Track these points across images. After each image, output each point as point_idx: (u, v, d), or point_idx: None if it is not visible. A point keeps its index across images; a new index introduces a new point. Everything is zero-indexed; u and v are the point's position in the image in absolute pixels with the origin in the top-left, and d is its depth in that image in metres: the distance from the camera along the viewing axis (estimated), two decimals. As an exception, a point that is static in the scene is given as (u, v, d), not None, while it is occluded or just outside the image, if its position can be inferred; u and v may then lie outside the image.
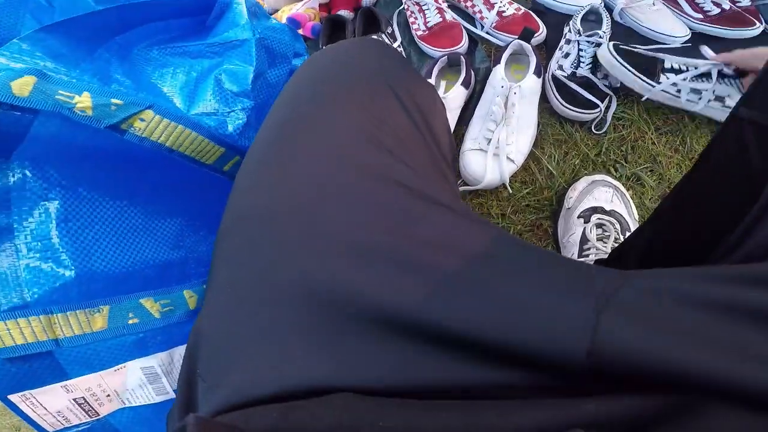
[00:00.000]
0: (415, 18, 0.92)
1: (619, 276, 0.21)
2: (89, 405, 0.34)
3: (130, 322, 0.34)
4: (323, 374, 0.21)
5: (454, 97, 0.74)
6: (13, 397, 0.30)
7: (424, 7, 0.91)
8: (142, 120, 0.32)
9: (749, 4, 0.81)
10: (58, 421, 0.32)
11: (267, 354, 0.22)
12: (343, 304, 0.22)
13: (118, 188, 0.37)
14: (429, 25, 0.89)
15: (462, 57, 0.79)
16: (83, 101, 0.30)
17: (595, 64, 0.75)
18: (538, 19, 0.86)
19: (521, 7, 0.88)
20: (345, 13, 0.97)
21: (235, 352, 0.24)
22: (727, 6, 0.79)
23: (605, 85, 0.72)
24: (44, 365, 0.31)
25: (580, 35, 0.77)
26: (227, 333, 0.25)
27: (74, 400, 0.33)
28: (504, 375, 0.20)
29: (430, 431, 0.17)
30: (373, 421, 0.18)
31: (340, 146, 0.28)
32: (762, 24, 0.79)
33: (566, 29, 0.80)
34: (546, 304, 0.20)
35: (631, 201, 0.63)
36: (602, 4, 0.83)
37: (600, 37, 0.76)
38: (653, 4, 0.82)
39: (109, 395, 0.34)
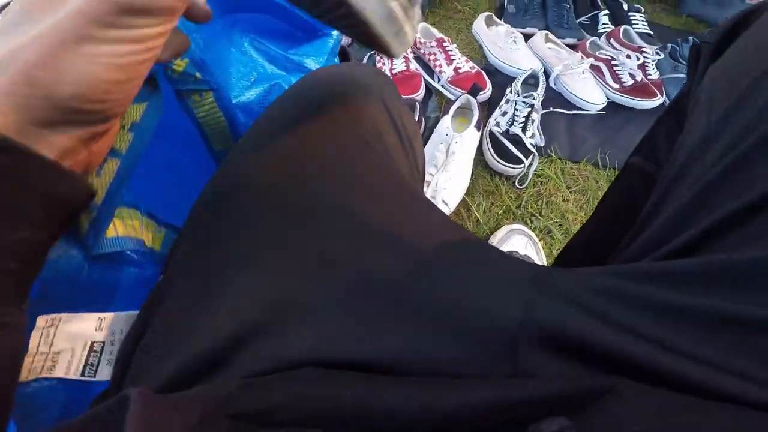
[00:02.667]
0: (383, 64, 1.04)
1: (550, 268, 0.25)
2: (99, 357, 0.27)
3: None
4: (295, 346, 0.21)
5: (405, 145, 0.86)
6: (41, 320, 0.26)
7: (392, 55, 1.03)
8: (201, 96, 0.36)
9: (657, 77, 0.95)
10: (43, 366, 0.26)
11: (238, 319, 0.22)
12: (332, 272, 0.23)
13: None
14: (394, 71, 1.01)
15: (417, 104, 0.91)
16: (179, 65, 0.33)
17: (526, 124, 0.88)
18: (487, 79, 0.99)
19: (476, 66, 1.01)
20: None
21: (203, 316, 0.23)
22: (639, 78, 0.94)
23: (531, 144, 0.85)
24: (107, 279, 0.27)
25: (518, 96, 0.90)
26: (194, 296, 0.24)
27: (91, 344, 0.27)
28: (454, 348, 0.21)
29: (396, 403, 0.18)
30: (341, 392, 0.18)
31: (342, 139, 0.29)
32: (663, 97, 0.93)
33: (508, 90, 0.93)
34: (493, 283, 0.23)
35: (542, 250, 0.75)
36: (542, 70, 0.96)
37: (534, 98, 0.89)
38: (582, 72, 0.96)
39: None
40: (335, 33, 0.60)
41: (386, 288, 0.23)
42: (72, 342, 0.26)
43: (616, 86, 0.94)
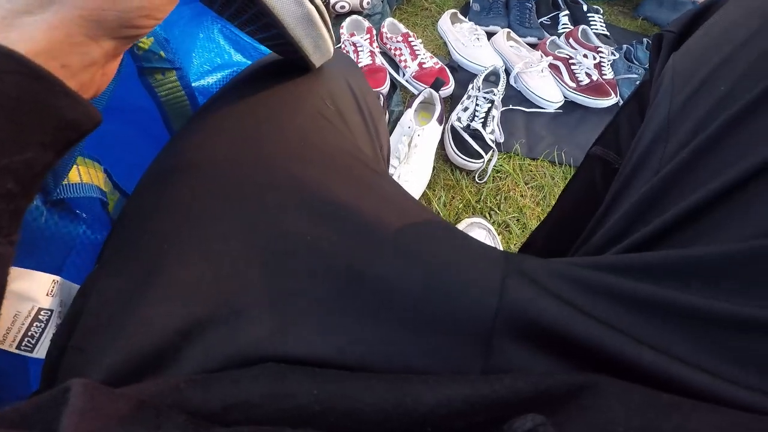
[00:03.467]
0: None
1: (519, 255, 0.24)
2: (42, 330, 0.23)
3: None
4: (251, 340, 0.19)
5: (367, 139, 0.86)
6: None
7: (359, 48, 1.03)
8: (163, 75, 0.37)
9: (612, 77, 0.99)
10: None
11: (186, 309, 0.20)
12: (291, 256, 0.21)
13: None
14: (360, 65, 1.01)
15: (382, 97, 0.91)
16: (145, 43, 0.33)
17: (486, 119, 0.89)
18: (450, 75, 1.00)
19: (440, 61, 1.02)
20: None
21: (140, 307, 0.20)
22: (595, 77, 0.97)
23: (491, 140, 0.87)
24: (69, 236, 0.26)
25: (479, 92, 0.91)
26: (128, 286, 0.21)
27: (38, 310, 0.23)
28: (424, 340, 0.20)
29: (365, 402, 0.17)
30: (308, 390, 0.17)
31: (302, 119, 0.27)
32: (617, 97, 0.97)
33: (470, 86, 0.95)
34: (463, 267, 0.22)
35: (500, 244, 0.77)
36: (503, 68, 0.98)
37: (494, 95, 0.91)
38: (542, 71, 0.99)
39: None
40: None
41: (348, 274, 0.21)
42: (18, 304, 0.23)
43: (573, 85, 0.97)
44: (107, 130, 0.41)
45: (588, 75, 0.97)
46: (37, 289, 0.24)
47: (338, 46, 1.07)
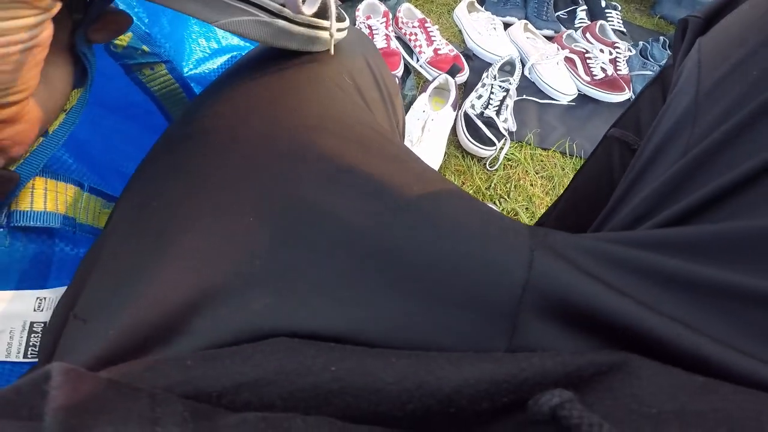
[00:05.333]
0: (363, 41, 1.03)
1: (542, 228, 0.23)
2: (39, 333, 0.25)
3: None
4: (264, 312, 0.18)
5: (380, 121, 0.87)
6: None
7: (374, 31, 1.02)
8: (152, 69, 0.35)
9: (627, 73, 0.99)
10: None
11: (195, 278, 0.19)
12: (309, 226, 0.20)
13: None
14: (374, 49, 1.00)
15: (397, 79, 0.91)
16: (122, 40, 0.32)
17: (501, 108, 0.89)
18: (465, 62, 1.00)
19: (454, 49, 1.01)
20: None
21: (149, 276, 0.19)
22: (610, 72, 0.97)
23: (504, 128, 0.87)
24: (40, 256, 0.26)
25: (495, 80, 0.91)
26: (138, 256, 0.20)
27: (31, 324, 0.25)
28: (448, 316, 0.19)
29: (386, 380, 0.15)
30: (323, 366, 0.16)
31: (320, 90, 0.27)
32: (629, 92, 0.97)
33: (485, 74, 0.95)
34: (488, 237, 0.21)
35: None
36: (519, 58, 0.98)
37: (509, 84, 0.91)
38: (557, 63, 0.99)
39: None
40: None
41: (368, 245, 0.20)
42: (8, 322, 0.24)
43: (588, 79, 0.97)
44: (111, 128, 0.40)
45: (603, 69, 0.97)
46: (23, 307, 0.25)
47: (354, 27, 1.06)
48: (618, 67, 0.99)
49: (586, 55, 1.00)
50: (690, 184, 0.23)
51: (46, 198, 0.25)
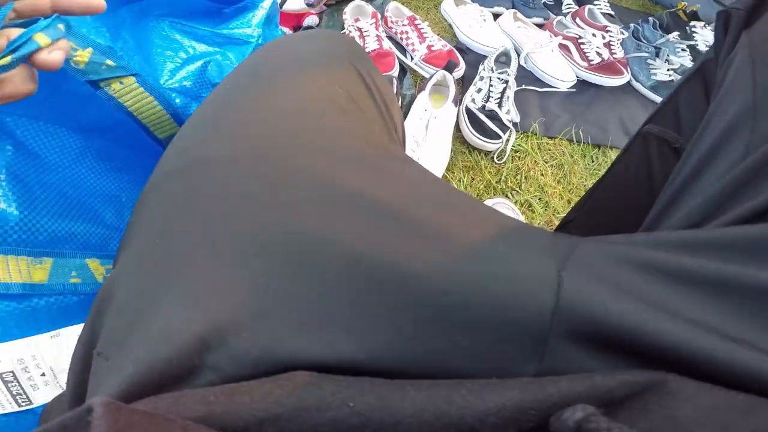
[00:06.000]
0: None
1: (568, 237, 0.21)
2: (20, 385, 0.27)
3: (72, 281, 0.31)
4: (277, 344, 0.18)
5: (382, 123, 0.84)
6: None
7: (365, 33, 1.00)
8: (122, 83, 0.34)
9: (622, 56, 0.99)
10: None
11: (205, 314, 0.18)
12: (312, 256, 0.19)
13: (73, 138, 0.36)
14: (367, 50, 0.98)
15: (394, 79, 0.89)
16: (83, 56, 0.31)
17: (502, 100, 0.88)
18: (459, 56, 0.98)
19: (447, 44, 1.00)
20: (285, 30, 1.03)
21: (161, 314, 0.19)
22: (606, 56, 0.96)
23: (507, 119, 0.86)
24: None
25: (492, 72, 0.90)
26: (150, 294, 0.20)
27: (1, 376, 0.27)
28: (469, 345, 0.18)
29: (405, 413, 0.15)
30: (342, 402, 0.15)
31: (313, 105, 0.26)
32: (628, 75, 0.97)
33: (481, 67, 0.93)
34: (508, 257, 0.19)
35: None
36: (513, 48, 0.97)
37: (508, 75, 0.90)
38: (552, 51, 0.98)
39: (44, 374, 0.28)
40: (266, 3, 0.58)
41: (377, 271, 0.19)
42: None
43: (584, 64, 0.97)
44: (103, 151, 0.38)
45: (598, 54, 0.97)
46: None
47: (342, 32, 1.04)
48: (613, 51, 0.98)
49: (580, 41, 0.99)
50: (756, 185, 0.21)
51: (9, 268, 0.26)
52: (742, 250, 0.17)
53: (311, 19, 1.06)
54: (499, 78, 0.90)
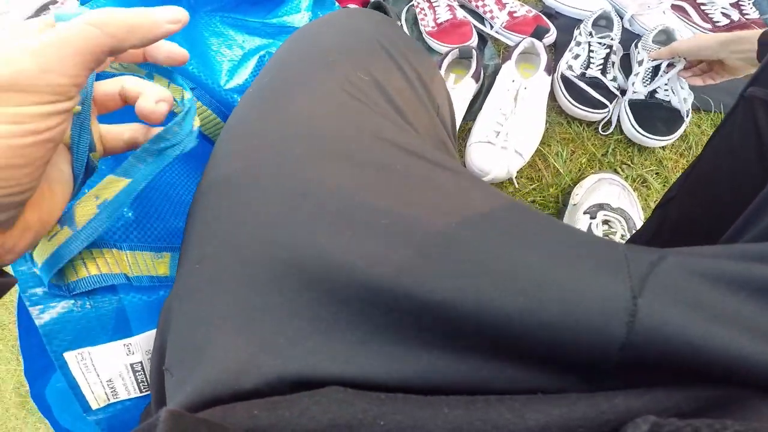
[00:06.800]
0: (425, 15, 0.92)
1: (649, 252, 0.18)
2: (144, 374, 0.30)
3: None
4: (312, 364, 0.18)
5: (463, 90, 0.74)
6: (69, 356, 0.27)
7: (434, 4, 0.91)
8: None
9: (758, 16, 0.82)
10: (106, 393, 0.29)
11: (245, 341, 0.19)
12: (335, 282, 0.19)
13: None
14: (438, 21, 0.89)
15: (473, 50, 0.79)
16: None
17: (605, 66, 0.75)
18: (548, 21, 0.86)
19: (532, 9, 0.88)
20: (353, 6, 0.97)
21: (207, 340, 0.20)
22: (736, 17, 0.80)
23: (614, 87, 0.72)
24: (110, 310, 0.29)
25: (592, 37, 0.77)
26: (196, 318, 0.22)
27: (131, 365, 0.29)
28: (514, 371, 0.17)
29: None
30: (373, 420, 0.16)
31: (330, 106, 0.25)
32: (770, 37, 0.80)
33: (576, 32, 0.81)
34: (568, 279, 0.17)
35: (637, 201, 0.62)
36: (613, 10, 0.84)
37: (611, 39, 0.76)
38: (663, 12, 0.83)
39: None
40: None
41: (404, 301, 0.18)
42: (116, 369, 0.29)
43: (708, 26, 0.81)
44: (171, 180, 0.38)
45: (725, 15, 0.81)
46: (118, 355, 0.29)
47: (410, 4, 0.96)
48: (744, 11, 0.82)
49: (699, 1, 0.84)
50: None
51: (97, 264, 0.28)
52: None
53: (379, -6, 0.99)
54: (600, 43, 0.77)
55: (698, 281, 0.17)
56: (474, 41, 0.86)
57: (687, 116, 0.67)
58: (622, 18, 0.86)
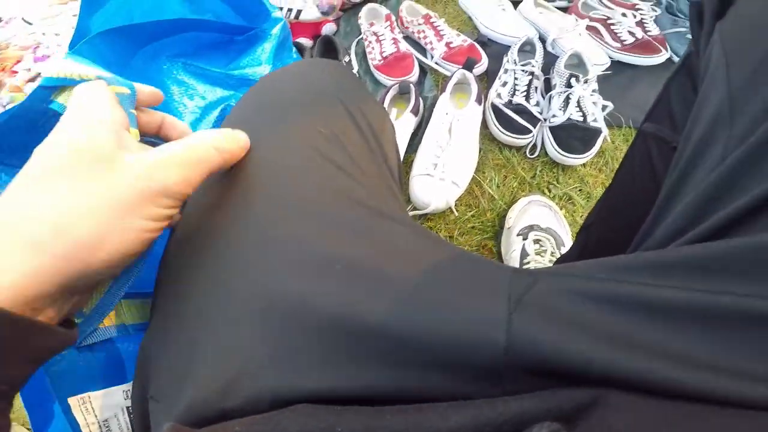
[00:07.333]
0: (372, 48, 0.98)
1: (529, 275, 0.23)
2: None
3: None
4: (285, 384, 0.22)
5: (403, 124, 0.81)
6: (72, 400, 0.31)
7: (381, 37, 0.98)
8: None
9: (658, 33, 0.91)
10: (101, 430, 0.32)
11: (227, 367, 0.22)
12: (301, 316, 0.22)
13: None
14: (384, 54, 0.96)
15: (411, 86, 0.86)
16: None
17: (529, 92, 0.83)
18: (481, 50, 0.94)
19: (467, 38, 0.96)
20: (304, 40, 1.02)
21: (192, 368, 0.23)
22: (640, 35, 0.90)
23: (537, 112, 0.80)
24: (110, 357, 0.32)
25: (516, 65, 0.85)
26: (179, 350, 0.25)
27: (127, 408, 0.33)
28: (438, 382, 0.21)
29: None
30: (332, 428, 0.19)
31: (293, 161, 0.28)
32: (668, 52, 0.89)
33: (505, 59, 0.89)
34: (465, 305, 0.22)
35: (564, 219, 0.71)
36: (537, 36, 0.92)
37: (533, 66, 0.85)
38: (579, 34, 0.92)
39: None
40: (275, 31, 0.57)
41: (353, 328, 0.22)
42: (112, 411, 0.33)
43: (617, 45, 0.90)
44: None
45: (631, 33, 0.90)
46: (117, 399, 0.33)
47: (360, 37, 1.02)
48: (647, 29, 0.91)
49: (609, 22, 0.93)
50: (725, 196, 0.21)
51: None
52: (686, 273, 0.19)
53: (329, 27, 1.05)
54: (523, 70, 0.85)
55: (565, 298, 0.20)
56: (416, 73, 0.93)
57: (600, 133, 0.76)
58: (545, 42, 0.94)
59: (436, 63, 0.96)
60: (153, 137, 0.29)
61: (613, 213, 0.45)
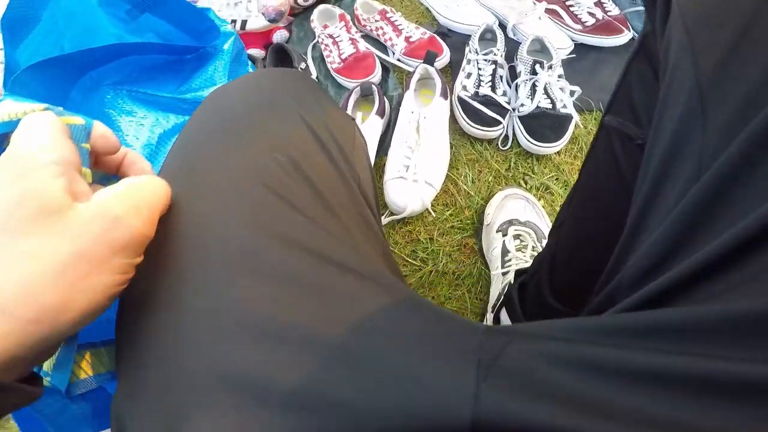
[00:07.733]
0: (330, 51, 0.94)
1: (502, 334, 0.22)
2: None
3: None
4: None
5: (370, 128, 0.78)
6: None
7: (337, 39, 0.93)
8: None
9: (618, 13, 0.91)
10: None
11: None
12: (254, 389, 0.21)
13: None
14: (343, 56, 0.92)
15: (373, 86, 0.82)
16: None
17: (494, 82, 0.81)
18: (442, 42, 0.91)
19: (426, 31, 0.93)
20: (255, 51, 0.97)
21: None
22: (600, 16, 0.88)
23: (505, 102, 0.78)
24: (102, 403, 0.33)
25: (478, 54, 0.83)
26: (152, 421, 0.23)
27: None
28: None
29: None
30: None
31: (242, 203, 0.25)
32: (630, 31, 0.88)
33: (467, 49, 0.86)
34: (429, 375, 0.21)
35: (542, 210, 0.69)
36: (496, 23, 0.90)
37: (495, 54, 0.82)
38: (539, 18, 0.90)
39: None
40: (226, 46, 0.54)
41: (311, 402, 0.21)
42: None
43: (578, 27, 0.89)
44: None
45: (591, 14, 0.89)
46: None
47: (314, 41, 0.98)
48: (606, 9, 0.90)
49: (567, 3, 0.91)
50: (697, 235, 0.20)
51: (83, 368, 0.31)
52: (665, 336, 0.18)
53: (280, 35, 1.00)
54: (485, 59, 0.83)
55: (539, 364, 0.19)
56: (378, 73, 0.90)
57: (571, 119, 0.74)
58: (505, 29, 0.92)
59: (398, 60, 0.93)
60: (114, 176, 0.27)
61: (581, 210, 0.43)
